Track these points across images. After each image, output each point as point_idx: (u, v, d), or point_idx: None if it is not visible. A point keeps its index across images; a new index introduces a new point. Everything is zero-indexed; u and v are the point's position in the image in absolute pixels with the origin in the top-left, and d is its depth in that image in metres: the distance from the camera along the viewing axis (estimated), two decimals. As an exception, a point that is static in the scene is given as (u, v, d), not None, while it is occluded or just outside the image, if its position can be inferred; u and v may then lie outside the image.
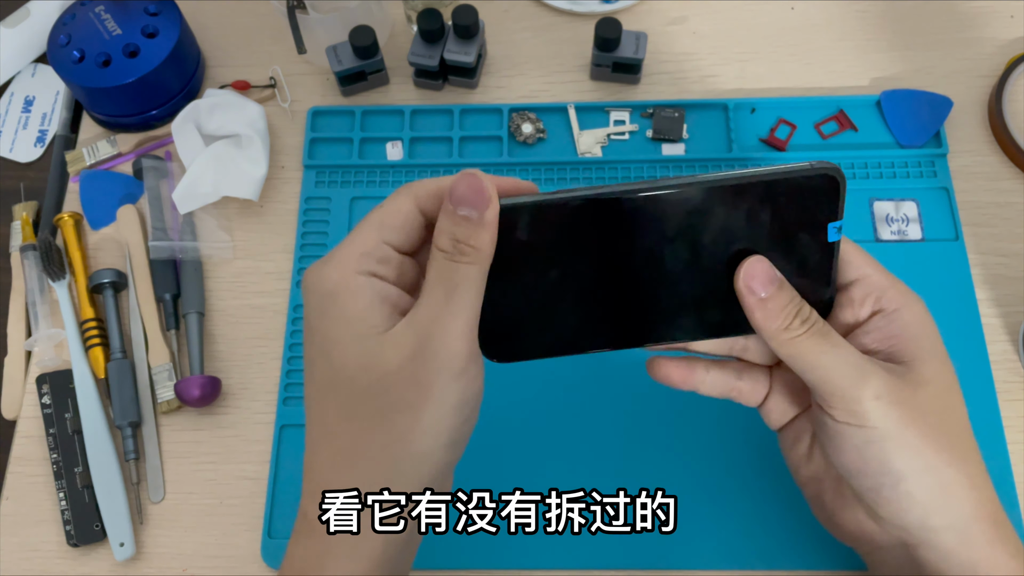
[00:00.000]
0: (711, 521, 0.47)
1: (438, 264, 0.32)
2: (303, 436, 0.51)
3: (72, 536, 0.49)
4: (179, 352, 0.54)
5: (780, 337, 0.34)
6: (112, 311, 0.54)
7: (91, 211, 0.58)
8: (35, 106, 0.64)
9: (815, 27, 0.63)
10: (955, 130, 0.58)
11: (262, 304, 0.55)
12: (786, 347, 0.34)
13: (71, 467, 0.50)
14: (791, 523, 0.47)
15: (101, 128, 0.62)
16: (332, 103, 0.61)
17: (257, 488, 0.50)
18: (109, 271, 0.55)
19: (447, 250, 0.32)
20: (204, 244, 0.56)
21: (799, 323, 0.34)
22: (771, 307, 0.34)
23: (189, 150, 0.57)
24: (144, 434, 0.52)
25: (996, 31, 0.62)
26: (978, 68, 0.60)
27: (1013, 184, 0.57)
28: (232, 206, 0.58)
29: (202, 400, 0.51)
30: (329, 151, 0.59)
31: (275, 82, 0.62)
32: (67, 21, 0.59)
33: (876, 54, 0.61)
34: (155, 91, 0.59)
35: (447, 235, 0.32)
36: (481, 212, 0.32)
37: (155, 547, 0.49)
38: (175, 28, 0.58)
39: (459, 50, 0.59)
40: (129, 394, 0.52)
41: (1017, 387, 0.51)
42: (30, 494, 0.51)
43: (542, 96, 0.61)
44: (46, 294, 0.56)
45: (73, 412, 0.52)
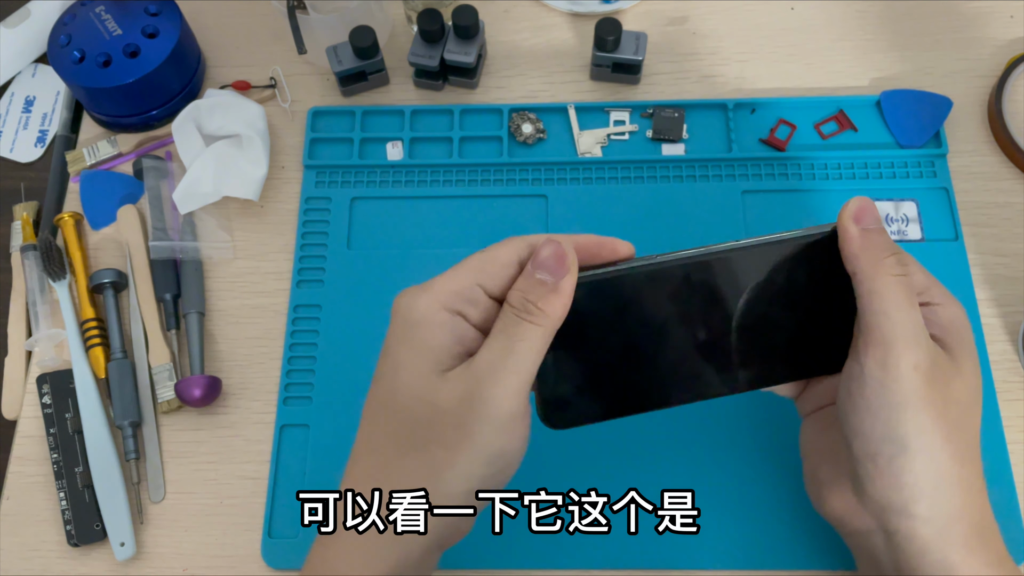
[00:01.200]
0: (711, 521, 0.47)
1: (505, 317, 0.34)
2: (303, 436, 0.51)
3: (72, 536, 0.49)
4: (179, 352, 0.54)
5: (874, 269, 0.34)
6: (112, 311, 0.54)
7: (91, 211, 0.58)
8: (35, 106, 0.64)
9: (815, 27, 0.63)
10: (955, 130, 0.58)
11: (262, 304, 0.55)
12: (873, 281, 0.34)
13: (71, 467, 0.51)
14: (791, 523, 0.47)
15: (101, 128, 0.62)
16: (332, 103, 0.61)
17: (257, 488, 0.50)
18: (109, 271, 0.55)
19: (516, 306, 0.33)
20: (204, 244, 0.56)
21: (895, 262, 0.35)
22: (875, 240, 0.35)
23: (189, 150, 0.57)
24: (144, 434, 0.52)
25: (996, 31, 0.62)
26: (978, 68, 0.60)
27: (1013, 184, 0.57)
28: (232, 206, 0.58)
29: (202, 400, 0.51)
30: (329, 151, 0.59)
31: (275, 82, 0.62)
32: (67, 21, 0.59)
33: (876, 54, 0.61)
34: (155, 91, 0.59)
35: (520, 292, 0.34)
36: (557, 280, 0.33)
37: (155, 547, 0.49)
38: (175, 28, 0.58)
39: (459, 50, 0.59)
40: (129, 394, 0.52)
41: (1017, 387, 0.51)
42: (30, 494, 0.51)
43: (542, 96, 0.61)
44: (46, 294, 0.56)
45: (73, 412, 0.52)
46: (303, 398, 0.52)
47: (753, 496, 0.48)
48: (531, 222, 0.56)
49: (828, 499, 0.39)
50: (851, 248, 0.35)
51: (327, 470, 0.50)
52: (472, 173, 0.58)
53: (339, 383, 0.52)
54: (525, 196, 0.57)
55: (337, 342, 0.53)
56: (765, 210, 0.56)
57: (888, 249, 0.35)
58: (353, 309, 0.54)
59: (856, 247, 0.35)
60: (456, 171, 0.58)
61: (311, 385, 0.52)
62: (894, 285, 0.34)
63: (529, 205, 0.57)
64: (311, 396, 0.52)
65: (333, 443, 0.50)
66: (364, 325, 0.53)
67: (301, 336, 0.53)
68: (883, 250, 0.35)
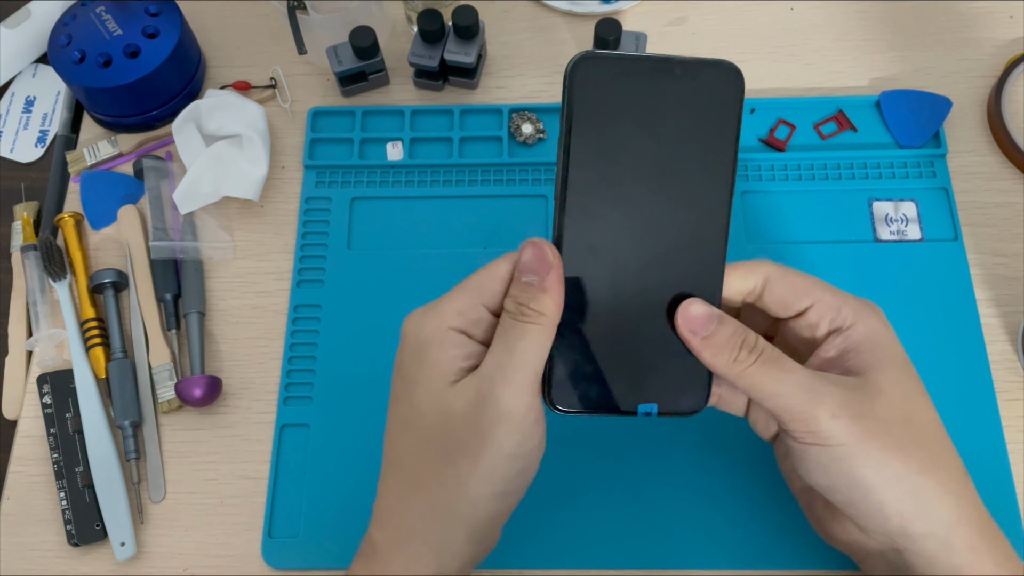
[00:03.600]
0: (711, 521, 0.47)
1: (504, 323, 0.35)
2: (303, 436, 0.51)
3: (73, 536, 0.49)
4: (180, 352, 0.54)
5: (731, 371, 0.35)
6: (113, 311, 0.54)
7: (92, 211, 0.58)
8: (36, 106, 0.64)
9: (814, 27, 0.63)
10: (954, 130, 0.58)
11: (263, 304, 0.55)
12: (739, 379, 0.35)
13: (72, 467, 0.51)
14: (791, 523, 0.47)
15: (102, 128, 0.62)
16: (332, 103, 0.61)
17: (258, 488, 0.50)
18: (110, 271, 0.55)
19: (511, 311, 0.35)
20: (205, 244, 0.56)
21: (746, 353, 0.35)
22: (716, 343, 0.35)
23: (190, 150, 0.57)
24: (145, 434, 0.52)
25: (995, 31, 0.62)
26: (977, 68, 0.60)
27: (1012, 184, 0.57)
28: (233, 206, 0.58)
29: (203, 400, 0.51)
30: (329, 151, 0.60)
31: (275, 82, 0.62)
32: (68, 21, 0.59)
33: (875, 54, 0.62)
34: (156, 91, 0.59)
35: (512, 298, 0.35)
36: (542, 278, 0.34)
37: (156, 547, 0.49)
38: (176, 28, 0.58)
39: (459, 51, 0.59)
40: (130, 394, 0.52)
41: (1016, 387, 0.51)
42: (31, 494, 0.51)
43: (542, 96, 0.61)
44: (47, 294, 0.56)
45: (74, 412, 0.52)
46: (303, 398, 0.52)
47: (753, 496, 0.48)
48: (531, 222, 0.56)
49: (832, 532, 0.39)
50: (703, 359, 0.36)
51: (327, 470, 0.50)
52: (472, 173, 0.58)
53: (339, 383, 0.52)
54: (525, 196, 0.57)
55: (337, 342, 0.53)
56: (765, 210, 0.56)
57: (731, 347, 0.35)
58: (353, 309, 0.54)
59: (707, 358, 0.35)
60: (456, 171, 0.58)
61: (311, 385, 0.52)
62: (757, 371, 0.35)
63: (529, 205, 0.57)
64: (311, 396, 0.52)
65: (333, 443, 0.50)
66: (364, 325, 0.53)
67: (301, 336, 0.53)
68: (728, 351, 0.35)
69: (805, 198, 0.56)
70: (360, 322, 0.53)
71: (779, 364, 0.35)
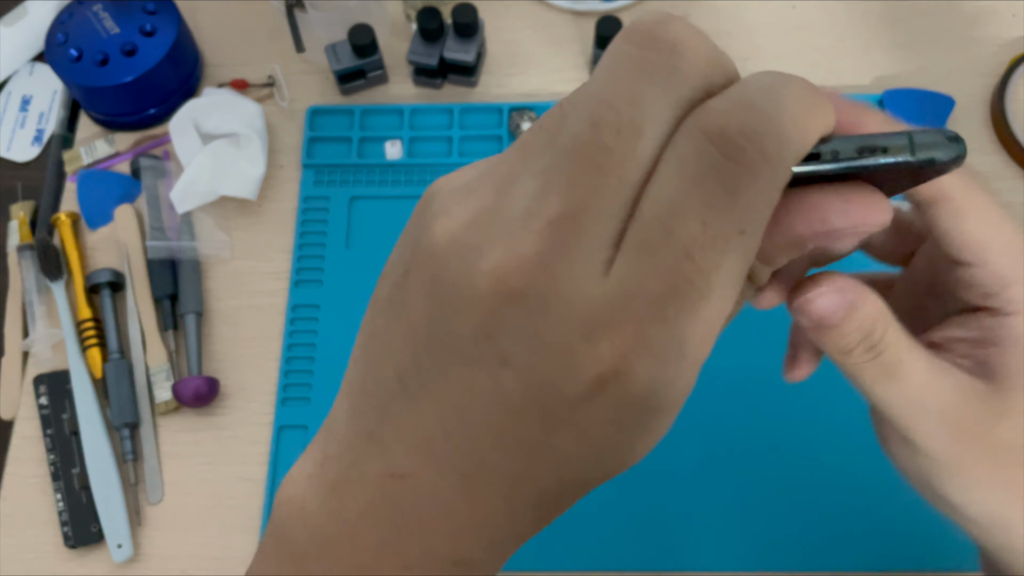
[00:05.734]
0: (712, 522, 0.47)
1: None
2: (302, 437, 0.51)
3: (69, 537, 0.49)
4: (177, 352, 0.54)
5: (835, 357, 0.27)
6: (110, 311, 0.54)
7: (88, 211, 0.58)
8: (32, 105, 0.64)
9: (817, 26, 0.62)
10: (957, 129, 0.58)
11: (260, 304, 0.55)
12: (842, 367, 0.28)
13: (68, 468, 0.50)
14: (792, 524, 0.47)
15: (99, 127, 0.61)
16: (331, 102, 0.61)
17: (255, 490, 0.50)
18: (106, 271, 0.54)
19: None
20: (202, 244, 0.56)
21: (862, 351, 0.26)
22: (832, 334, 0.26)
23: (187, 149, 0.56)
24: (142, 435, 0.51)
25: (998, 30, 0.62)
26: (980, 67, 0.60)
27: (1015, 184, 0.56)
28: (230, 205, 0.58)
29: (200, 401, 0.51)
30: (328, 150, 0.59)
31: (274, 81, 0.62)
32: (65, 20, 0.58)
33: (878, 53, 0.61)
34: (153, 90, 0.58)
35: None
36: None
37: (153, 549, 0.49)
38: (173, 27, 0.58)
39: (459, 48, 0.58)
40: (127, 395, 0.51)
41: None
42: (27, 495, 0.50)
43: (542, 95, 0.61)
44: (43, 294, 0.55)
45: (71, 413, 0.52)
46: (301, 399, 0.51)
47: (754, 496, 0.48)
48: (531, 222, 0.56)
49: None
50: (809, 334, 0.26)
51: (326, 471, 0.49)
52: (472, 172, 0.57)
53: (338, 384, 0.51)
54: (525, 195, 0.56)
55: (336, 342, 0.53)
56: (766, 210, 0.55)
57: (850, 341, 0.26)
58: (352, 309, 0.54)
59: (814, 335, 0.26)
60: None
61: (309, 386, 0.52)
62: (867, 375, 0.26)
63: (529, 205, 0.56)
64: (310, 397, 0.51)
65: (332, 444, 0.50)
66: (363, 325, 0.53)
67: (299, 336, 0.53)
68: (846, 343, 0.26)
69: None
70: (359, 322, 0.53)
71: (893, 373, 0.26)
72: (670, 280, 0.17)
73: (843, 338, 0.25)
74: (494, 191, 0.19)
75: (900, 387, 0.27)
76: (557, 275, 0.17)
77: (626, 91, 0.18)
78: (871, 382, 0.27)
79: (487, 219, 0.18)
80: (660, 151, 0.18)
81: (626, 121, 0.18)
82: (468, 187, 0.19)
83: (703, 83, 0.19)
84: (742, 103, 0.18)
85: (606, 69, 0.19)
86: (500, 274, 0.18)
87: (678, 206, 0.17)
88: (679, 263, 0.17)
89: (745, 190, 0.17)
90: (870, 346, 0.26)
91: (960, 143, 0.20)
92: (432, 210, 0.20)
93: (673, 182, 0.18)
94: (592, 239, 0.18)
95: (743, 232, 0.18)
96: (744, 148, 0.17)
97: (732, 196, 0.17)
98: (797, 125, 0.18)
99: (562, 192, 0.18)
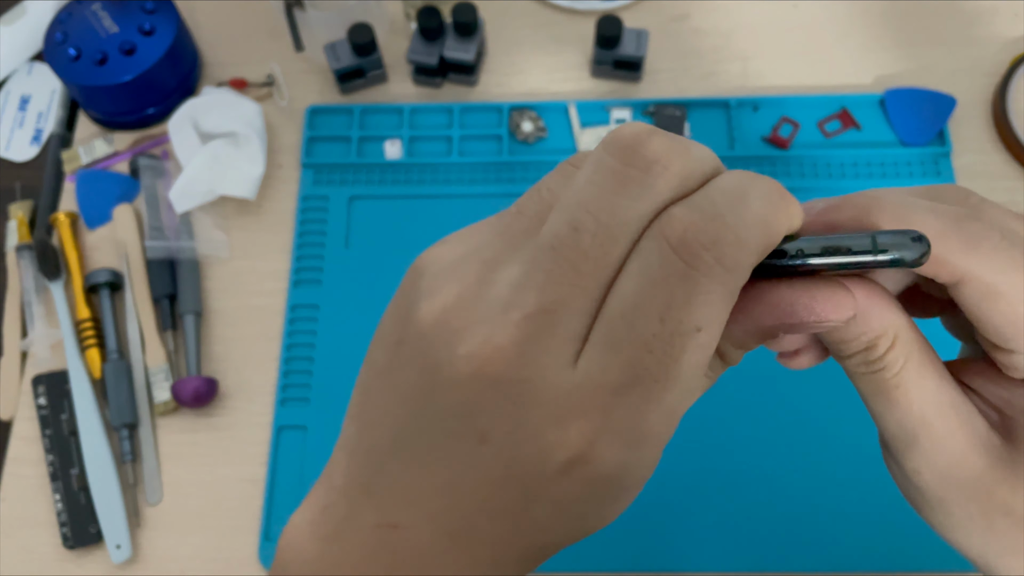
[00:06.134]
0: (710, 522, 0.47)
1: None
2: (301, 438, 0.51)
3: (68, 538, 0.49)
4: (176, 353, 0.53)
5: (834, 354, 0.25)
6: (108, 311, 0.54)
7: (87, 210, 0.58)
8: (31, 105, 0.63)
9: (818, 25, 0.62)
10: (959, 129, 0.58)
11: (260, 304, 0.54)
12: (841, 364, 0.25)
13: (67, 469, 0.50)
14: (791, 524, 0.47)
15: (97, 127, 0.61)
16: (330, 101, 0.61)
17: (254, 491, 0.50)
18: (105, 271, 0.54)
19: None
20: (201, 244, 0.56)
21: (859, 362, 0.24)
22: (837, 336, 0.24)
23: (186, 149, 0.56)
24: (141, 436, 0.51)
25: (1000, 29, 0.61)
26: (982, 66, 0.60)
27: (1017, 183, 0.56)
28: (229, 205, 0.58)
29: (199, 401, 0.50)
30: (327, 149, 0.59)
31: (273, 80, 0.61)
32: (63, 19, 0.58)
33: (880, 52, 0.61)
34: (152, 89, 0.58)
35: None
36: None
37: (152, 550, 0.49)
38: (172, 26, 0.58)
39: (459, 48, 0.58)
40: (125, 395, 0.51)
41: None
42: (26, 496, 0.50)
43: (542, 94, 0.60)
44: (42, 294, 0.55)
45: (69, 413, 0.51)
46: (301, 399, 0.51)
47: (753, 497, 0.48)
48: (531, 221, 0.55)
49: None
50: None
51: (325, 472, 0.49)
52: (472, 172, 0.57)
53: (337, 384, 0.51)
54: (525, 195, 0.56)
55: (335, 342, 0.53)
56: (767, 209, 0.55)
57: (854, 345, 0.23)
58: (351, 309, 0.53)
59: (823, 334, 0.24)
60: (456, 170, 0.57)
61: (309, 386, 0.51)
62: (865, 381, 0.24)
63: (529, 204, 0.56)
64: (309, 397, 0.51)
65: (331, 445, 0.50)
66: (362, 325, 0.53)
67: (299, 337, 0.53)
68: (850, 346, 0.23)
69: (809, 196, 0.55)
70: (358, 322, 0.53)
71: (888, 396, 0.24)
72: (631, 371, 0.19)
73: (845, 344, 0.23)
74: (477, 277, 0.20)
75: (896, 411, 0.24)
76: (530, 364, 0.19)
77: (606, 202, 0.20)
78: (867, 392, 0.25)
79: (470, 304, 0.20)
80: (630, 252, 0.20)
81: (603, 229, 0.19)
82: (454, 268, 0.21)
83: (677, 193, 0.20)
84: (704, 212, 0.19)
85: (589, 178, 0.20)
86: (479, 359, 0.19)
87: (640, 304, 0.19)
88: (640, 356, 0.19)
89: (701, 292, 0.19)
90: (869, 360, 0.24)
91: (923, 243, 0.20)
92: (420, 288, 0.21)
93: (637, 282, 0.19)
94: (564, 333, 0.19)
95: (699, 329, 0.19)
96: (701, 256, 0.19)
97: (689, 297, 0.19)
98: (758, 228, 0.20)
99: (540, 288, 0.19)
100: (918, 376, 0.24)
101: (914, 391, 0.24)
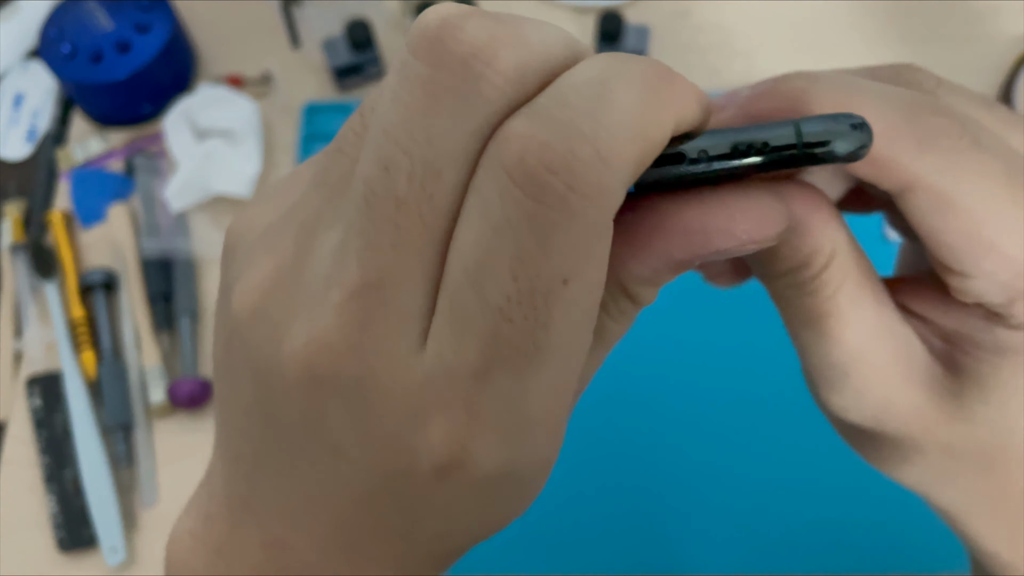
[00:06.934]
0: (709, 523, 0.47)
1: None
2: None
3: (62, 541, 0.48)
4: (171, 353, 0.53)
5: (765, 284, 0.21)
6: (103, 312, 0.53)
7: (82, 209, 0.57)
8: (25, 102, 0.63)
9: (823, 21, 0.62)
10: (963, 127, 0.57)
11: (256, 304, 0.54)
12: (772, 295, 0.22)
13: (61, 470, 0.50)
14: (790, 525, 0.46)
15: (92, 125, 0.61)
16: (327, 98, 0.60)
17: (251, 492, 0.49)
18: (100, 271, 0.54)
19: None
20: (197, 243, 0.55)
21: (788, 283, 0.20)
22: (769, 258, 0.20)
23: (182, 147, 0.56)
24: (136, 437, 0.51)
25: (1005, 27, 0.61)
26: (987, 64, 0.59)
27: (1023, 182, 0.56)
28: (225, 204, 0.57)
29: (195, 403, 0.50)
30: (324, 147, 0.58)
31: (269, 77, 0.61)
32: (58, 15, 0.58)
33: (884, 49, 0.60)
34: (147, 87, 0.58)
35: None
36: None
37: (147, 552, 0.48)
38: (168, 23, 0.57)
39: (457, 45, 0.58)
40: (120, 396, 0.51)
41: None
42: (20, 498, 0.50)
43: (542, 92, 0.60)
44: (36, 294, 0.55)
45: (64, 414, 0.51)
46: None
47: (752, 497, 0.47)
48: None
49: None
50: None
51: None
52: (470, 170, 0.57)
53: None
54: (524, 194, 0.56)
55: (332, 343, 0.52)
56: (769, 208, 0.55)
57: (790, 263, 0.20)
58: (349, 309, 0.53)
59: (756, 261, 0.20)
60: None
61: (306, 387, 0.51)
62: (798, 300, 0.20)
63: (528, 203, 0.56)
64: (306, 399, 0.51)
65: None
66: (360, 326, 0.52)
67: (296, 337, 0.53)
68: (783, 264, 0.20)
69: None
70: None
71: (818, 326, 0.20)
72: (491, 348, 0.15)
73: (771, 262, 0.20)
74: (295, 247, 0.16)
75: (825, 343, 0.20)
76: (366, 357, 0.15)
77: (418, 127, 0.14)
78: (793, 320, 0.21)
79: (288, 285, 0.16)
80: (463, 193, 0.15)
81: (419, 164, 0.14)
82: (268, 238, 0.17)
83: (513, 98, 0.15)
84: (550, 121, 0.14)
85: (393, 93, 0.15)
86: (305, 359, 0.15)
87: (486, 262, 0.14)
88: (498, 327, 0.14)
89: (557, 233, 0.14)
90: (798, 282, 0.20)
91: (863, 131, 0.16)
92: (233, 268, 0.17)
93: (478, 232, 0.14)
94: (398, 311, 0.15)
95: (566, 281, 0.14)
96: (549, 184, 0.14)
97: (543, 243, 0.14)
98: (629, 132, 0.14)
99: (359, 256, 0.15)
100: (854, 302, 0.20)
101: (848, 321, 0.20)
